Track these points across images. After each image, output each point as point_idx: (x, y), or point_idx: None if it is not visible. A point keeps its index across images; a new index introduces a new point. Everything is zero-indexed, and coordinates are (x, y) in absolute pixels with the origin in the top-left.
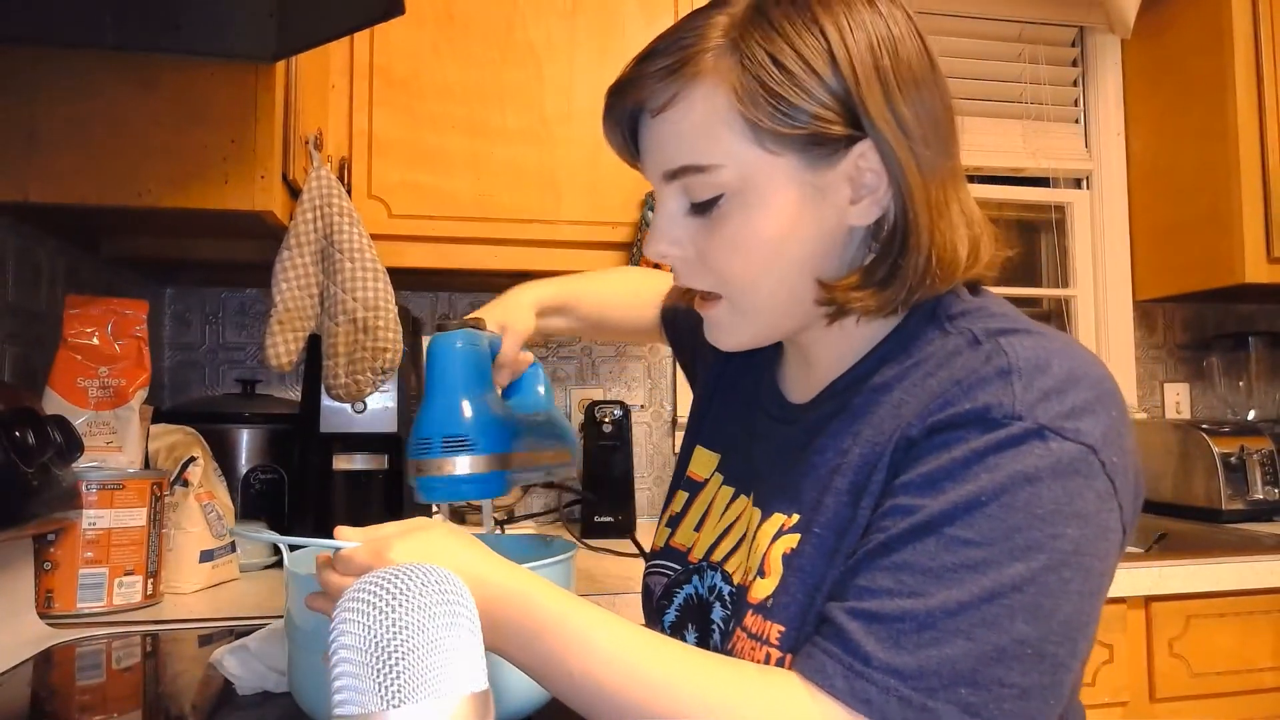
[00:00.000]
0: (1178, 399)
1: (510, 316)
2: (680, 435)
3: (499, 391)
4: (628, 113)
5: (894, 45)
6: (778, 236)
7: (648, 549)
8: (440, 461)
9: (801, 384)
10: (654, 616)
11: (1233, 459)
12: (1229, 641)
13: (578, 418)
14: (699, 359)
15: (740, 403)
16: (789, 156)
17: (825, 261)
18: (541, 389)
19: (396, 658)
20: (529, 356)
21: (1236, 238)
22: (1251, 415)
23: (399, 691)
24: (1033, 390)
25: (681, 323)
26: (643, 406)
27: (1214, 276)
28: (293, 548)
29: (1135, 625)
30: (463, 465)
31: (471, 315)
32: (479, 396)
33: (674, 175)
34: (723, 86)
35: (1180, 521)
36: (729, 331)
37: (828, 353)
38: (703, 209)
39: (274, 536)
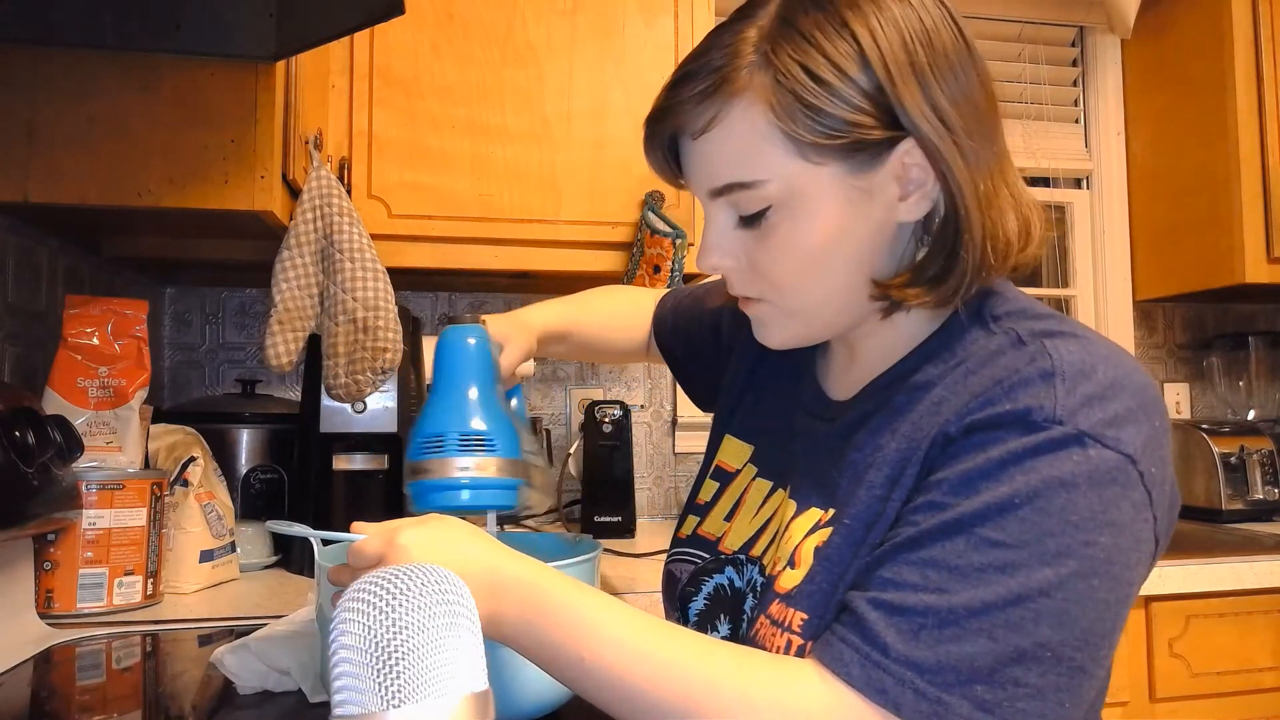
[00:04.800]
0: (1178, 399)
1: (513, 333)
2: (681, 435)
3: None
4: (667, 138)
5: (928, 36)
6: (827, 243)
7: (650, 549)
8: (455, 461)
9: (844, 381)
10: (677, 604)
11: (1233, 459)
12: (1229, 641)
13: (578, 418)
14: (724, 353)
15: (778, 397)
16: (832, 165)
17: (877, 259)
18: (516, 406)
19: (397, 658)
20: (516, 379)
21: (1236, 238)
22: (1251, 415)
23: (399, 691)
24: (1075, 395)
25: (689, 329)
26: (643, 406)
27: (1214, 276)
28: (326, 542)
29: (1135, 625)
30: (483, 466)
31: (476, 316)
32: (491, 397)
33: (720, 192)
34: (759, 104)
35: (1180, 521)
36: (773, 331)
37: (874, 348)
38: (751, 221)
39: (307, 531)
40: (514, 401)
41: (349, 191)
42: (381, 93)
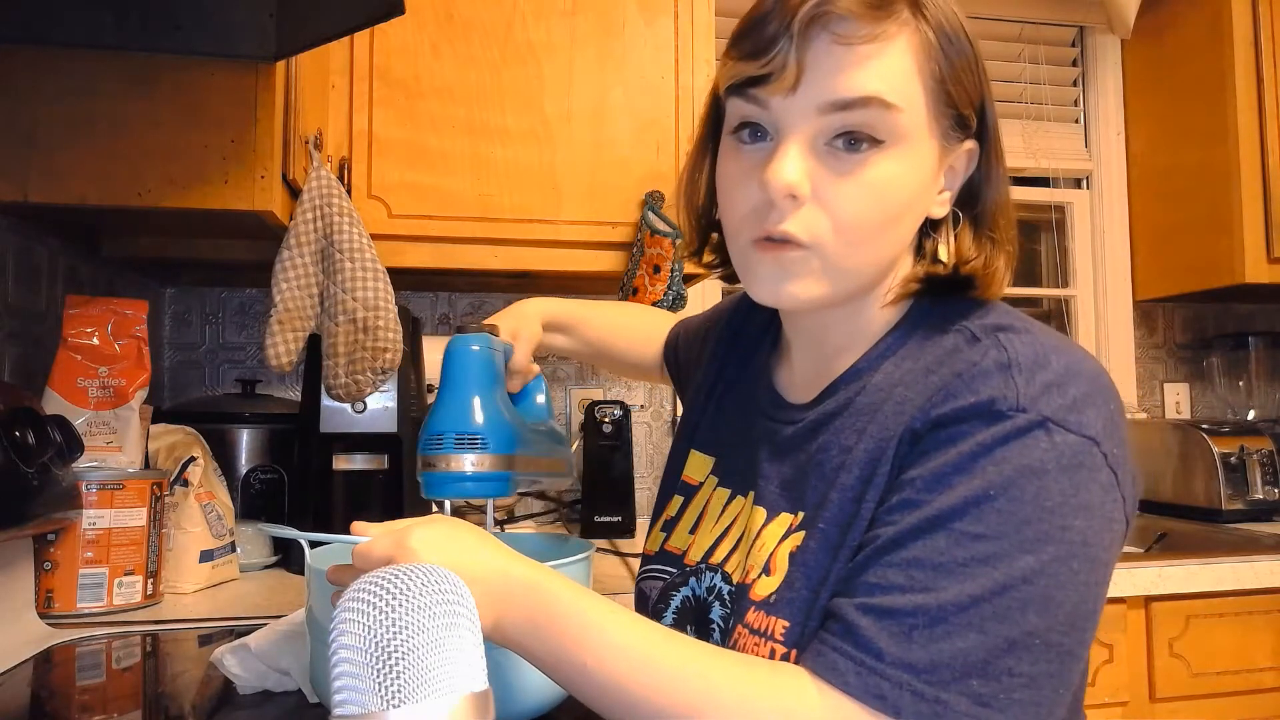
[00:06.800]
0: (1178, 399)
1: (521, 325)
2: None
3: (509, 398)
4: (809, 33)
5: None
6: (910, 199)
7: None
8: (451, 458)
9: (800, 383)
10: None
11: (1233, 459)
12: (1229, 641)
13: (578, 418)
14: (696, 367)
15: (737, 406)
16: (941, 126)
17: (912, 240)
18: (542, 398)
19: (397, 658)
20: (536, 367)
21: (1236, 238)
22: (1251, 415)
23: (399, 691)
24: (1034, 384)
25: (681, 354)
26: (643, 406)
27: (1214, 277)
28: (313, 544)
29: (1135, 625)
30: (473, 463)
31: (488, 321)
32: (492, 399)
33: (846, 106)
34: (918, 41)
35: (1180, 521)
36: (800, 284)
37: (839, 342)
38: (850, 150)
39: (294, 533)
40: (540, 397)
41: (349, 191)
42: (381, 93)
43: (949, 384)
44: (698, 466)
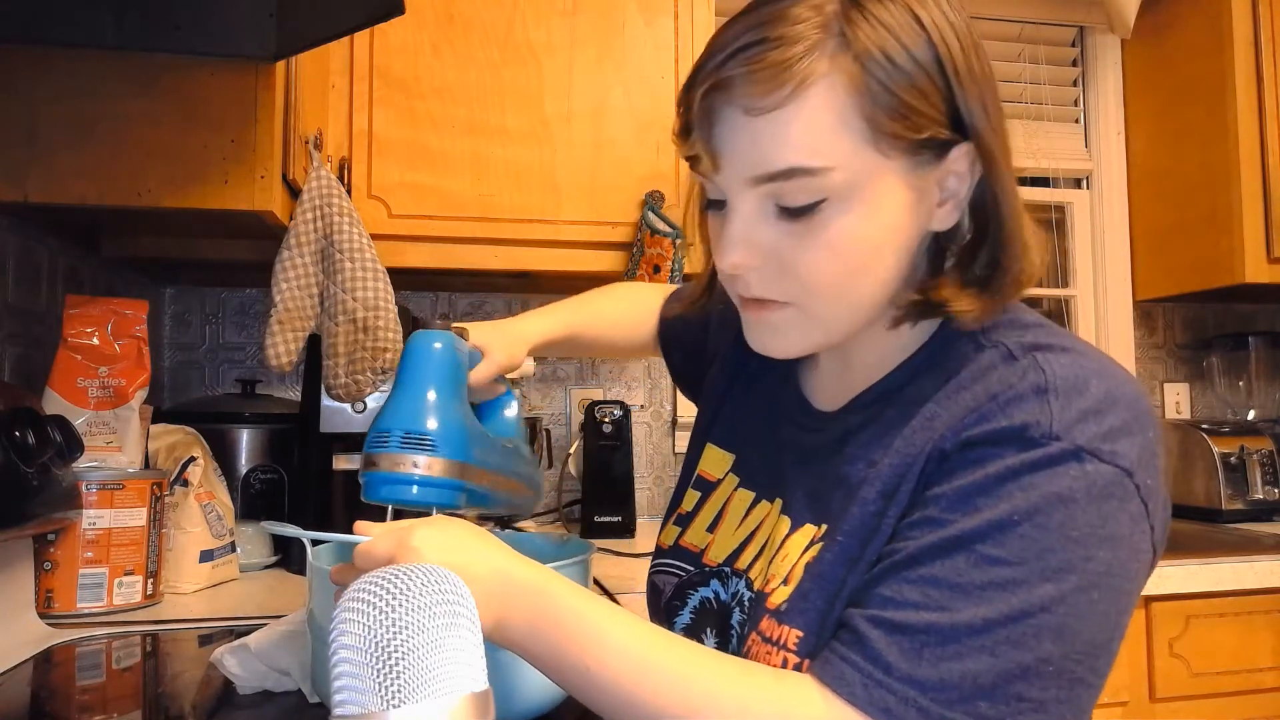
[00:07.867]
0: (1178, 399)
1: (496, 344)
2: (681, 435)
3: (469, 406)
4: (715, 113)
5: (974, 43)
6: (879, 242)
7: (649, 550)
8: (396, 458)
9: (830, 391)
10: (662, 616)
11: (1233, 459)
12: (1229, 641)
13: (578, 418)
14: (710, 358)
15: (759, 404)
16: (899, 159)
17: (907, 267)
18: (511, 414)
19: (397, 658)
20: (501, 388)
21: (1236, 238)
22: (1251, 415)
23: (399, 691)
24: (1071, 410)
25: (684, 332)
26: (643, 406)
27: (1214, 276)
28: (315, 542)
29: (1135, 625)
30: (419, 465)
31: (458, 324)
32: (449, 401)
33: (771, 178)
34: (840, 84)
35: (1180, 521)
36: (789, 339)
37: (868, 357)
38: (797, 214)
39: (298, 531)
40: (509, 412)
41: (349, 191)
42: (381, 93)
43: (983, 405)
44: (715, 462)
